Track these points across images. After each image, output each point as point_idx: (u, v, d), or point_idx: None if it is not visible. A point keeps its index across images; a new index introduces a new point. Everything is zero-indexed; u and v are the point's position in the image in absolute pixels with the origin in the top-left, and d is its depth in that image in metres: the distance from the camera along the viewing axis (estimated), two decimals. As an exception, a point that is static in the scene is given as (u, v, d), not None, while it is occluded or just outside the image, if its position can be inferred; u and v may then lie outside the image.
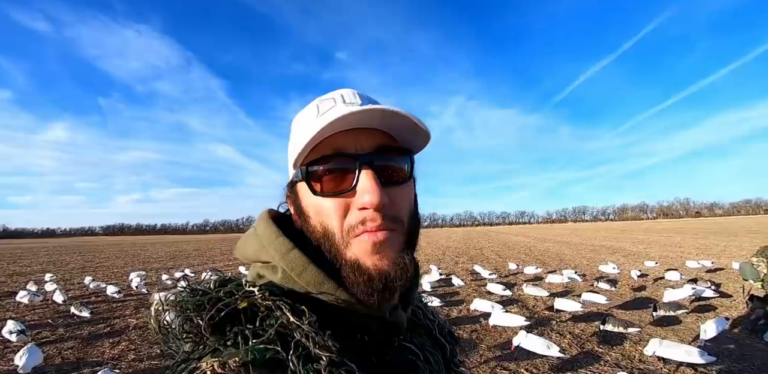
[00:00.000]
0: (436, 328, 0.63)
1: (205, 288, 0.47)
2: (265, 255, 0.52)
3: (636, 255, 14.24)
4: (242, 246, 0.57)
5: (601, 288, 7.53)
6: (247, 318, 0.43)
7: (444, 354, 0.60)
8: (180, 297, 0.46)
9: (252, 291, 0.45)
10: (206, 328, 0.42)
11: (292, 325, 0.42)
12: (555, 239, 28.22)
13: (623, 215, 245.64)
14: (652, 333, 4.87)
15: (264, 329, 0.41)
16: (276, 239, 0.50)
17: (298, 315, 0.43)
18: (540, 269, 10.30)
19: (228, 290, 0.46)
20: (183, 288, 0.47)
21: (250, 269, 0.56)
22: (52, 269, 15.63)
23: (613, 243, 21.24)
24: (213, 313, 0.42)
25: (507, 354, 4.31)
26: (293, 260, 0.48)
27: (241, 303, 0.43)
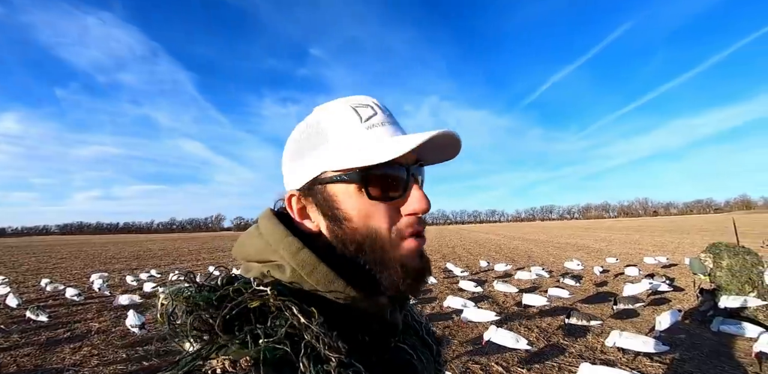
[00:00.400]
0: (423, 329, 0.66)
1: (212, 284, 0.46)
2: (271, 254, 0.51)
3: (598, 252, 14.99)
4: (244, 245, 0.55)
5: (566, 284, 7.87)
6: (257, 317, 0.42)
7: (431, 354, 0.63)
8: (188, 291, 0.44)
9: (262, 290, 0.45)
10: (220, 326, 0.41)
11: (302, 326, 0.42)
12: (524, 237, 29.18)
13: (587, 214, 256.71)
14: (612, 326, 5.16)
15: (274, 329, 0.41)
16: (285, 238, 0.51)
17: (308, 315, 0.43)
18: (510, 266, 10.63)
19: (236, 288, 0.45)
20: (190, 283, 0.46)
21: (244, 270, 0.54)
22: (3, 271, 14.61)
23: (578, 241, 22.23)
24: (226, 312, 0.42)
25: (478, 349, 4.45)
26: (304, 259, 0.49)
27: (252, 302, 0.43)
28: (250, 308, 0.42)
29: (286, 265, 0.50)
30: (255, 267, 0.53)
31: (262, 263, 0.52)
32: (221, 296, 0.43)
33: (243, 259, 0.55)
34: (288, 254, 0.49)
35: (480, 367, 4.01)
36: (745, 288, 5.13)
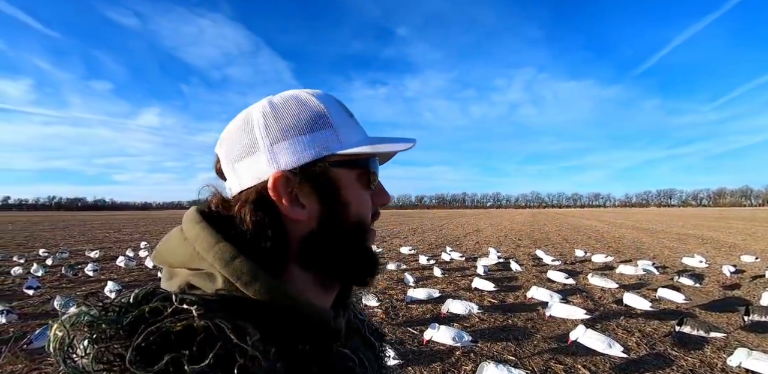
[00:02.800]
0: (366, 327, 0.63)
1: (122, 303, 0.38)
2: (198, 262, 0.44)
3: (732, 248, 12.50)
4: (165, 251, 0.48)
5: (682, 284, 6.75)
6: (181, 340, 0.35)
7: (374, 353, 0.61)
8: (89, 317, 0.37)
9: (185, 309, 0.38)
10: (131, 359, 0.33)
11: (234, 347, 0.36)
12: (633, 225, 25.78)
13: (720, 200, 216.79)
14: (742, 340, 4.28)
15: (202, 353, 0.35)
16: (216, 245, 0.44)
17: (242, 334, 0.37)
18: (611, 257, 9.49)
19: (154, 307, 0.38)
20: (91, 304, 0.38)
21: (167, 276, 0.47)
22: (148, 237, 17.91)
23: (704, 233, 18.83)
24: (140, 340, 0.34)
25: (563, 348, 4.07)
26: (239, 268, 0.42)
27: (175, 325, 0.36)
28: (173, 332, 0.36)
29: (217, 275, 0.43)
30: (180, 275, 0.45)
31: (188, 270, 0.45)
32: (135, 318, 0.36)
33: (166, 266, 0.48)
34: (219, 263, 0.43)
35: (564, 368, 3.67)
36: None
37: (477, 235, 18.25)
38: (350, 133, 0.52)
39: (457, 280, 7.55)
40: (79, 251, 12.69)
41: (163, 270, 0.49)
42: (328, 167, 0.48)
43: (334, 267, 0.50)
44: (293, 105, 0.50)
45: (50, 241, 16.76)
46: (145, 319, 0.36)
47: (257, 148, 0.48)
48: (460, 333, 3.92)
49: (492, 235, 18.15)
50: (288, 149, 0.47)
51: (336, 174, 0.49)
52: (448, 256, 9.90)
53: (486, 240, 15.42)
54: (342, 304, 0.56)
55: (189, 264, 0.45)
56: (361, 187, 0.52)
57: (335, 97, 0.56)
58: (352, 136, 0.51)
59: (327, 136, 0.49)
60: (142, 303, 0.38)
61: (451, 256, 9.85)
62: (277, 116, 0.49)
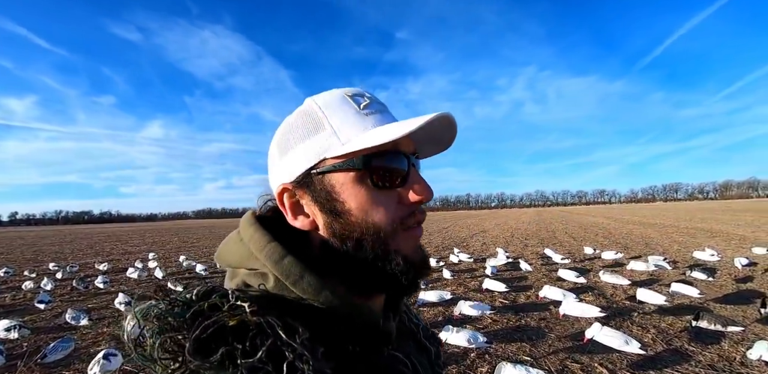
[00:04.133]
0: (421, 332, 0.62)
1: (185, 299, 0.41)
2: (253, 262, 0.48)
3: (742, 240, 12.35)
4: (225, 252, 0.52)
5: (695, 278, 6.68)
6: (235, 335, 0.38)
7: (429, 358, 0.60)
8: (158, 309, 0.40)
9: (240, 306, 0.40)
10: (190, 349, 0.36)
11: (284, 344, 0.38)
12: (640, 220, 25.58)
13: (727, 193, 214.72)
14: (759, 334, 4.22)
15: (254, 348, 0.37)
16: (267, 245, 0.47)
17: (291, 332, 0.39)
18: (621, 254, 9.42)
19: (212, 302, 0.40)
20: (160, 298, 0.41)
21: (229, 276, 0.51)
22: (155, 248, 17.99)
23: (713, 226, 18.65)
24: (198, 333, 0.37)
25: (579, 346, 4.03)
26: (288, 267, 0.45)
27: (230, 320, 0.38)
28: (228, 326, 0.38)
29: (269, 274, 0.46)
30: (239, 274, 0.49)
31: (246, 270, 0.49)
32: (195, 313, 0.39)
33: (227, 266, 0.52)
34: (270, 262, 0.46)
35: (580, 367, 3.63)
36: None
37: (483, 236, 18.17)
38: (354, 129, 0.48)
39: (467, 282, 7.51)
40: (88, 264, 12.74)
41: (227, 270, 0.52)
42: (322, 174, 0.48)
43: (357, 275, 0.48)
44: (296, 115, 0.52)
45: (59, 255, 16.85)
46: (205, 314, 0.39)
47: (274, 163, 0.53)
48: (474, 335, 3.89)
49: (499, 235, 18.06)
50: (290, 161, 0.51)
51: (330, 180, 0.48)
52: (456, 258, 9.86)
53: (493, 241, 15.35)
54: (393, 307, 0.56)
55: (246, 264, 0.49)
56: (368, 187, 0.48)
57: (355, 89, 0.54)
58: (355, 133, 0.48)
59: (320, 141, 0.48)
60: (202, 299, 0.41)
61: (459, 258, 9.81)
62: (283, 130, 0.53)
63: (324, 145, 0.48)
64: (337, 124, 0.49)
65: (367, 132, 0.48)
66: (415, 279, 0.49)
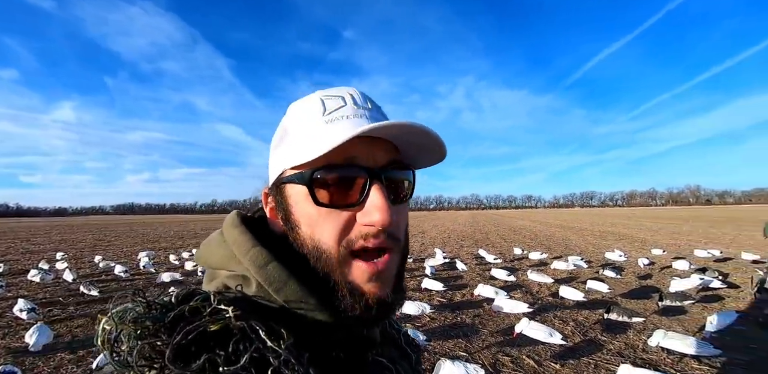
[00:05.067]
0: (402, 337, 0.61)
1: (164, 302, 0.39)
2: (235, 265, 0.46)
3: (643, 243, 14.13)
4: (206, 252, 0.50)
5: (606, 276, 7.49)
6: (217, 340, 0.36)
7: (410, 364, 0.59)
8: (134, 312, 0.37)
9: (222, 310, 0.38)
10: (170, 356, 0.34)
11: (268, 350, 0.37)
12: (561, 224, 28.08)
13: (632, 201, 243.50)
14: (656, 323, 4.84)
15: (237, 354, 0.35)
16: (251, 249, 0.45)
17: (276, 337, 0.37)
18: (545, 255, 10.26)
19: (193, 306, 0.38)
20: (138, 301, 0.39)
21: (209, 277, 0.49)
22: (64, 247, 15.97)
23: (621, 230, 21.08)
24: (179, 339, 0.35)
25: (509, 340, 4.32)
26: (272, 274, 0.43)
27: (212, 325, 0.37)
28: (209, 331, 0.36)
29: (252, 279, 0.44)
30: (219, 276, 0.48)
31: (227, 271, 0.47)
32: (176, 317, 0.37)
33: (206, 267, 0.50)
34: (254, 267, 0.44)
35: (510, 359, 3.89)
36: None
37: (422, 237, 18.71)
38: (309, 139, 0.45)
39: (407, 281, 7.62)
40: (-24, 265, 10.96)
41: (206, 271, 0.51)
42: (282, 184, 0.47)
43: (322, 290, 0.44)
44: (280, 122, 0.52)
45: (-64, 255, 14.29)
46: (185, 318, 0.37)
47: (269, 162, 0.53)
48: (414, 333, 3.99)
49: (437, 236, 18.71)
50: (270, 168, 0.51)
51: (288, 191, 0.47)
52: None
53: (431, 242, 15.86)
54: None
55: (227, 266, 0.47)
56: (312, 204, 0.43)
57: (343, 89, 0.50)
58: (308, 143, 0.44)
59: (284, 151, 0.48)
60: (182, 303, 0.39)
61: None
62: (275, 132, 0.53)
63: (284, 155, 0.47)
64: (295, 133, 0.47)
65: (313, 142, 0.44)
66: (365, 315, 0.43)
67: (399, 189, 0.48)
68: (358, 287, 0.43)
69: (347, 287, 0.43)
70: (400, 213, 0.47)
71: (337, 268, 0.43)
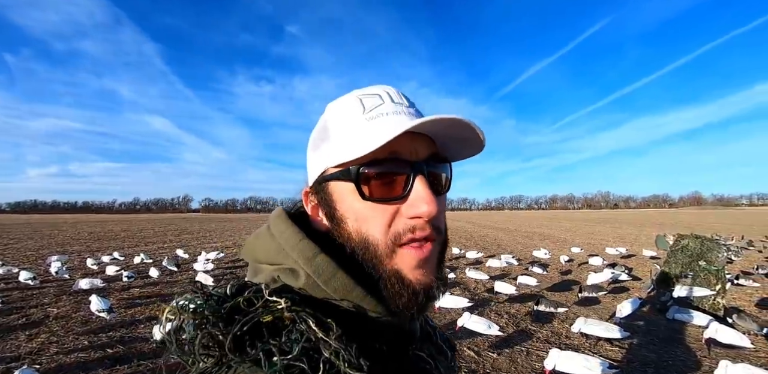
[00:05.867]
0: (437, 334, 0.62)
1: (221, 293, 0.41)
2: (284, 258, 0.47)
3: (564, 242, 15.65)
4: (254, 247, 0.52)
5: (534, 272, 8.17)
6: (270, 331, 0.38)
7: (447, 361, 0.60)
8: (194, 303, 0.40)
9: (275, 301, 0.40)
10: (230, 346, 0.37)
11: (319, 340, 0.38)
12: (493, 225, 29.99)
13: (554, 205, 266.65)
14: (576, 313, 5.41)
15: (289, 344, 0.37)
16: (300, 242, 0.47)
17: (325, 328, 0.39)
18: (480, 254, 10.91)
19: (247, 297, 0.41)
20: (197, 292, 0.41)
21: (253, 271, 0.51)
22: (-53, 251, 13.60)
23: (545, 231, 23.08)
24: (237, 329, 0.37)
25: (452, 334, 4.55)
26: (320, 265, 0.45)
27: (265, 316, 0.39)
28: (263, 322, 0.39)
29: (300, 271, 0.45)
30: (265, 270, 0.49)
31: (273, 265, 0.48)
32: (232, 308, 0.39)
33: (252, 261, 0.52)
34: (303, 259, 0.45)
35: (452, 352, 4.11)
36: (691, 266, 5.60)
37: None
38: (351, 137, 0.47)
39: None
40: None
41: (249, 265, 0.53)
42: (326, 182, 0.49)
43: (369, 282, 0.46)
44: (318, 123, 0.54)
45: None
46: (241, 309, 0.39)
47: (308, 161, 0.55)
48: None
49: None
50: (310, 167, 0.54)
51: (331, 188, 0.49)
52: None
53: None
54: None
55: (275, 260, 0.48)
56: (358, 199, 0.46)
57: (380, 88, 0.52)
58: (351, 141, 0.47)
59: (326, 150, 0.50)
60: (236, 295, 0.41)
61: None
62: (311, 137, 0.55)
63: (327, 154, 0.49)
64: (337, 132, 0.49)
65: (359, 139, 0.46)
66: (410, 302, 0.45)
67: (439, 182, 0.50)
68: (406, 274, 0.45)
69: (395, 275, 0.45)
70: (442, 205, 0.49)
71: (385, 259, 0.45)
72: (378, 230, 0.45)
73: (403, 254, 0.45)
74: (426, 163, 0.47)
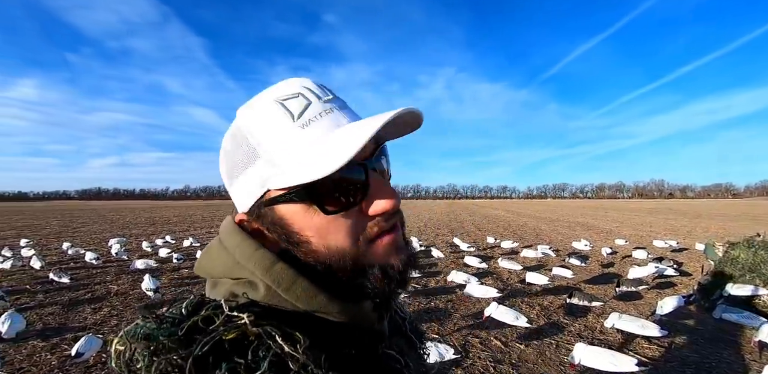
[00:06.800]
0: (407, 325, 0.60)
1: (175, 314, 0.38)
2: (239, 270, 0.44)
3: (608, 233, 14.88)
4: (207, 262, 0.48)
5: (571, 264, 7.89)
6: (234, 348, 0.36)
7: (416, 352, 0.59)
8: (146, 329, 0.37)
9: (236, 317, 0.38)
10: (191, 370, 0.34)
11: (287, 355, 0.36)
12: (534, 215, 29.05)
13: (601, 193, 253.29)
14: (614, 307, 5.21)
15: (256, 361, 0.35)
16: (255, 252, 0.44)
17: (292, 341, 0.37)
18: (516, 243, 10.66)
19: (206, 315, 0.38)
20: (147, 317, 0.38)
21: (211, 285, 0.47)
22: (28, 234, 15.33)
23: (589, 221, 22.05)
24: (197, 350, 0.34)
25: (479, 324, 4.56)
26: (279, 274, 0.42)
27: (228, 333, 0.36)
28: (226, 340, 0.36)
29: (259, 282, 0.43)
30: (223, 285, 0.45)
31: (230, 279, 0.45)
32: (189, 329, 0.36)
33: (208, 276, 0.48)
34: (260, 269, 0.42)
35: (479, 341, 4.13)
36: (749, 279, 5.09)
37: (399, 226, 18.95)
38: (290, 153, 0.43)
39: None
40: (-69, 251, 10.42)
41: (207, 281, 0.49)
42: (271, 205, 0.45)
43: (335, 286, 0.45)
44: (229, 139, 0.48)
45: None
46: (199, 329, 0.37)
47: (229, 187, 0.50)
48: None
49: (413, 225, 19.00)
50: (238, 191, 0.48)
51: (279, 211, 0.45)
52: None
53: (408, 230, 15.99)
54: (385, 306, 0.51)
55: (230, 273, 0.45)
56: (320, 215, 0.43)
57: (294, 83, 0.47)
58: (292, 158, 0.43)
59: (258, 171, 0.45)
60: (194, 313, 0.38)
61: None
62: (224, 155, 0.49)
63: (263, 176, 0.44)
64: (270, 150, 0.44)
65: (305, 154, 0.42)
66: (398, 285, 0.46)
67: (387, 171, 0.50)
68: (387, 263, 0.45)
69: (377, 268, 0.44)
70: None
71: (362, 258, 0.44)
72: (347, 238, 0.43)
73: (376, 247, 0.44)
74: (376, 157, 0.46)
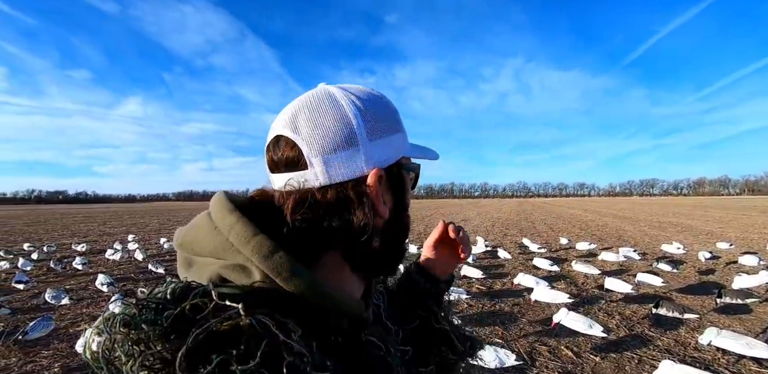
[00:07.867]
0: (383, 312, 0.61)
1: (158, 300, 0.36)
2: (232, 255, 0.41)
3: (709, 235, 13.00)
4: (192, 239, 0.44)
5: (660, 269, 7.04)
6: (227, 339, 0.34)
7: (395, 338, 0.59)
8: (128, 317, 0.34)
9: (226, 306, 0.36)
10: (182, 364, 0.31)
11: (281, 344, 0.35)
12: (616, 214, 26.47)
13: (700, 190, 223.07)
14: (713, 321, 4.54)
15: (249, 352, 0.33)
16: (253, 237, 0.40)
17: (286, 330, 0.36)
18: (594, 245, 9.81)
19: (194, 303, 0.35)
20: (130, 302, 0.35)
21: (185, 263, 0.45)
22: (134, 230, 17.73)
23: (684, 221, 19.49)
24: (190, 345, 0.32)
25: (548, 331, 4.26)
26: (279, 263, 0.39)
27: (222, 326, 0.34)
28: (219, 331, 0.34)
29: (254, 269, 0.40)
30: (205, 265, 0.43)
31: (217, 260, 0.42)
32: (176, 317, 0.34)
33: (192, 254, 0.45)
34: (258, 257, 0.39)
35: (548, 349, 3.86)
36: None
37: (465, 225, 18.49)
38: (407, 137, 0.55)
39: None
40: (64, 245, 12.50)
41: (179, 255, 0.46)
42: (401, 169, 0.52)
43: (383, 263, 0.51)
44: (379, 102, 0.51)
45: (33, 236, 16.43)
46: (187, 318, 0.34)
47: (356, 143, 0.46)
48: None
49: (480, 224, 18.43)
50: (383, 147, 0.48)
51: (404, 176, 0.52)
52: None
53: (474, 230, 15.66)
54: (368, 294, 0.55)
55: (220, 255, 0.42)
56: (411, 189, 0.55)
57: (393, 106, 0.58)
58: (407, 140, 0.55)
59: (401, 139, 0.52)
60: (179, 300, 0.36)
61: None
62: (375, 112, 0.49)
63: (401, 145, 0.52)
64: (403, 127, 0.55)
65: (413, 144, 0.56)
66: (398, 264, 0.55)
67: None
68: None
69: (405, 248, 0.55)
70: None
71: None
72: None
73: None
74: None
